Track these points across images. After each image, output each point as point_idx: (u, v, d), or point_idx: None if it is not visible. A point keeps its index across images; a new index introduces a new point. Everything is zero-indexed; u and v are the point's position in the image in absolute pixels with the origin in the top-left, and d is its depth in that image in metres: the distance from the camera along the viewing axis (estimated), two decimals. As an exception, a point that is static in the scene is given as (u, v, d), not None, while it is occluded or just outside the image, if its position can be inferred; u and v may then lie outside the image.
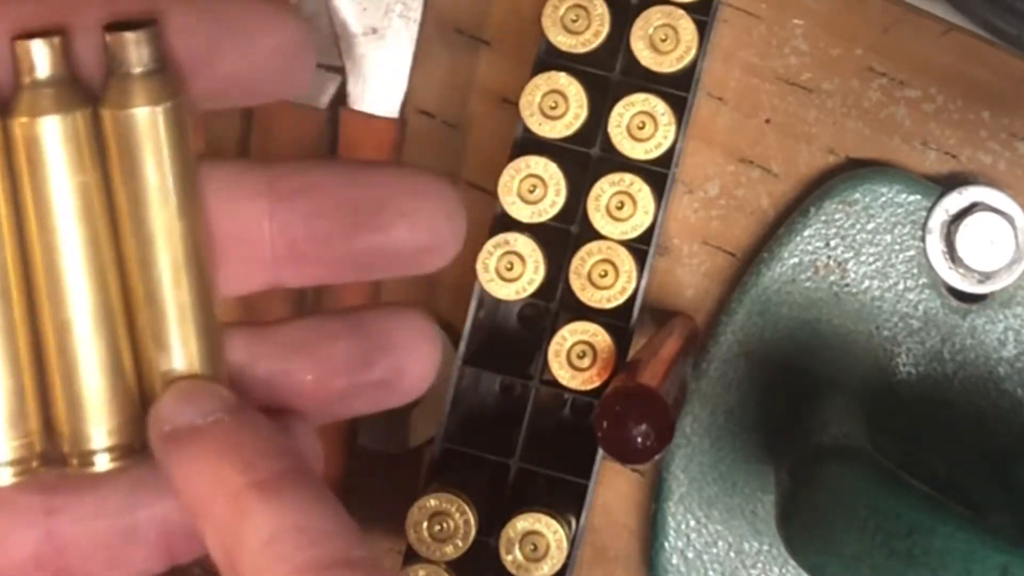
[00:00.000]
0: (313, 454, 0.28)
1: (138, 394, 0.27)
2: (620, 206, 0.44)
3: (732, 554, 0.46)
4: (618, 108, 0.43)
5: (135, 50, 0.26)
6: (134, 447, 0.27)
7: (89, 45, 0.26)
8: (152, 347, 0.27)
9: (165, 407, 0.27)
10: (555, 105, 0.44)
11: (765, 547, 0.46)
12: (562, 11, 0.44)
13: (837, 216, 0.46)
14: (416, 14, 0.48)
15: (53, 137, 0.25)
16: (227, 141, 0.49)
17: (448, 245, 0.28)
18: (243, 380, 0.28)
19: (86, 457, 0.27)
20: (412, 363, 0.28)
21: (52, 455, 0.27)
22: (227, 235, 0.27)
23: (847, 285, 0.46)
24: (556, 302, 0.45)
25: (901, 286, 0.46)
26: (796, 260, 0.46)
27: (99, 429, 0.27)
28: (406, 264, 0.28)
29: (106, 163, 0.26)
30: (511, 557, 0.43)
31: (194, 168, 0.27)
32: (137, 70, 0.26)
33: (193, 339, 0.27)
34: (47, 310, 0.26)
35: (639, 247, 0.44)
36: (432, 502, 0.43)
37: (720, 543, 0.47)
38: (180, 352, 0.27)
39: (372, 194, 0.27)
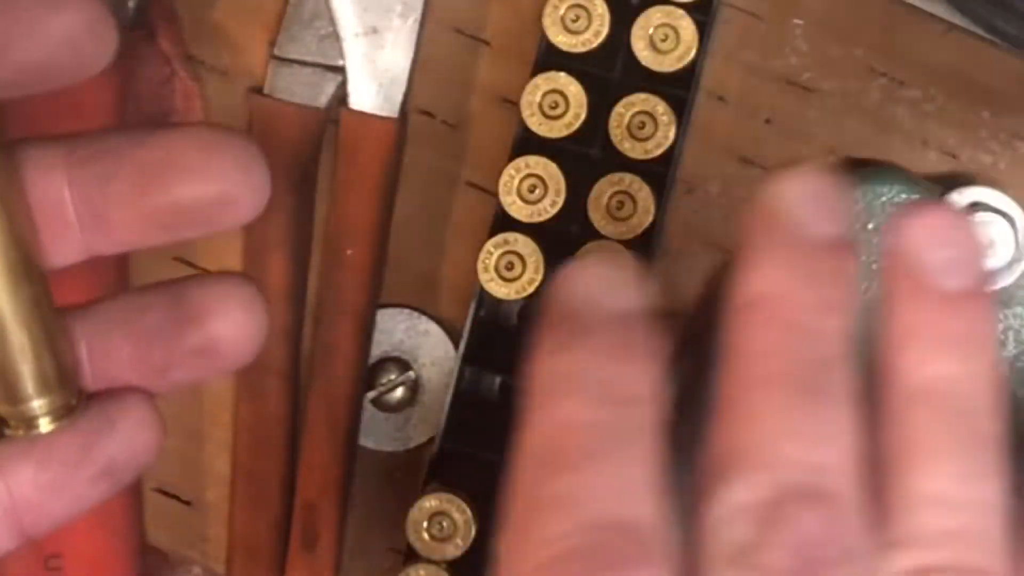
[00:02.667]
0: (152, 425, 0.29)
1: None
2: (620, 206, 0.44)
3: (732, 554, 0.46)
4: (618, 108, 0.43)
5: None
6: None
7: None
8: None
9: None
10: (555, 105, 0.44)
11: (765, 547, 0.46)
12: (562, 11, 0.44)
13: (837, 216, 0.46)
14: (416, 14, 0.48)
15: None
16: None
17: (245, 197, 0.28)
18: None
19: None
20: (228, 329, 0.28)
21: None
22: (35, 208, 0.27)
23: (847, 285, 0.46)
24: (556, 302, 0.45)
25: (901, 286, 0.46)
26: (796, 260, 0.46)
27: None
28: (206, 220, 0.28)
29: None
30: (511, 557, 0.43)
31: (5, 165, 0.27)
32: None
33: (33, 334, 0.27)
34: None
35: (639, 247, 0.44)
36: (432, 502, 0.43)
37: (720, 543, 0.47)
38: (20, 347, 0.27)
39: (162, 153, 0.28)
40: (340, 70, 0.48)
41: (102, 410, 0.28)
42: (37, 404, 0.27)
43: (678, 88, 0.44)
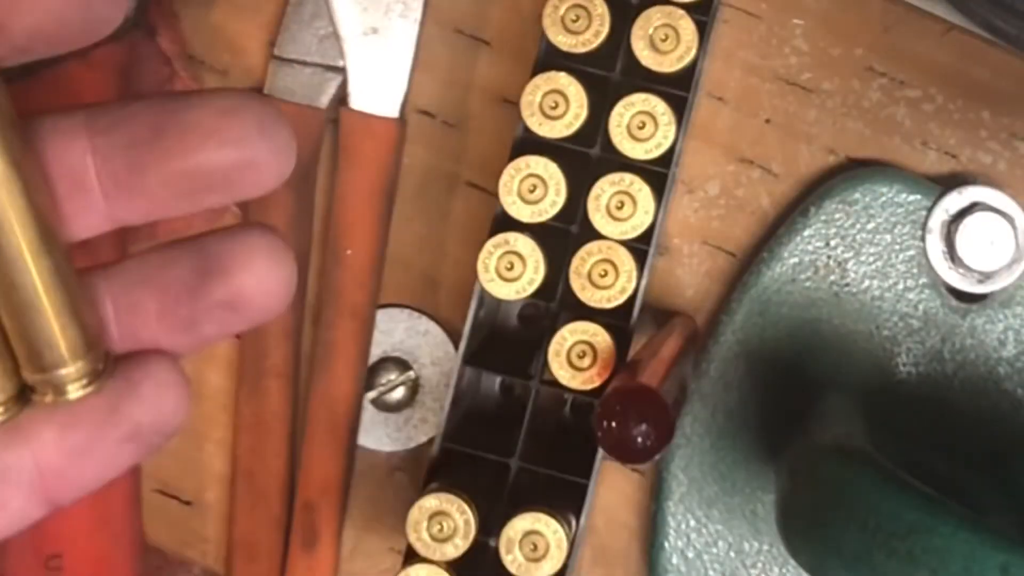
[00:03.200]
0: (177, 389, 0.28)
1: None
2: (620, 206, 0.44)
3: (732, 554, 0.46)
4: (618, 108, 0.43)
5: None
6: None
7: None
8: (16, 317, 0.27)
9: None
10: (555, 105, 0.44)
11: (765, 547, 0.46)
12: (562, 11, 0.44)
13: (837, 216, 0.46)
14: (416, 14, 0.48)
15: None
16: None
17: (267, 161, 0.27)
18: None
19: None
20: (253, 281, 0.28)
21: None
22: (56, 178, 0.27)
23: (847, 285, 0.46)
24: (556, 302, 0.45)
25: (901, 286, 0.46)
26: (796, 260, 0.46)
27: None
28: (229, 186, 0.28)
29: None
30: (511, 557, 0.43)
31: (22, 137, 0.27)
32: None
33: (57, 302, 0.27)
34: None
35: (639, 247, 0.44)
36: (432, 502, 0.43)
37: (720, 543, 0.47)
38: (45, 316, 0.27)
39: (181, 118, 0.27)
40: (340, 70, 0.48)
41: (126, 373, 0.28)
42: (64, 371, 0.27)
43: (678, 88, 0.44)
